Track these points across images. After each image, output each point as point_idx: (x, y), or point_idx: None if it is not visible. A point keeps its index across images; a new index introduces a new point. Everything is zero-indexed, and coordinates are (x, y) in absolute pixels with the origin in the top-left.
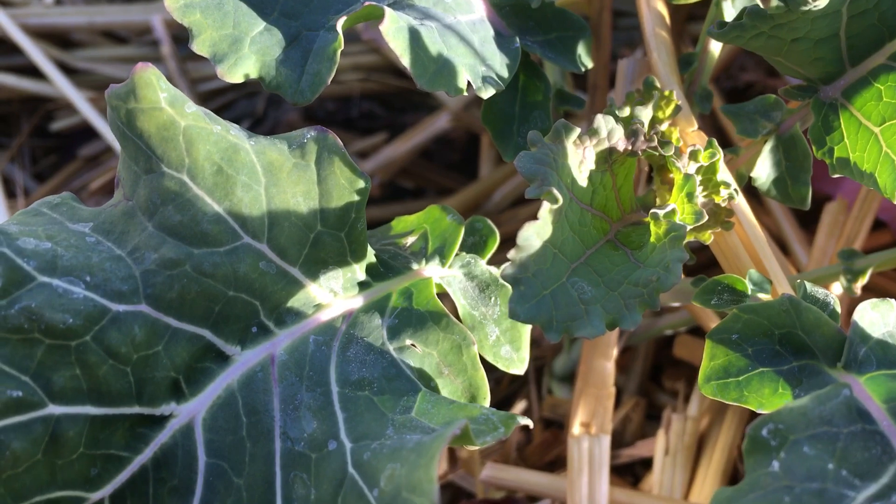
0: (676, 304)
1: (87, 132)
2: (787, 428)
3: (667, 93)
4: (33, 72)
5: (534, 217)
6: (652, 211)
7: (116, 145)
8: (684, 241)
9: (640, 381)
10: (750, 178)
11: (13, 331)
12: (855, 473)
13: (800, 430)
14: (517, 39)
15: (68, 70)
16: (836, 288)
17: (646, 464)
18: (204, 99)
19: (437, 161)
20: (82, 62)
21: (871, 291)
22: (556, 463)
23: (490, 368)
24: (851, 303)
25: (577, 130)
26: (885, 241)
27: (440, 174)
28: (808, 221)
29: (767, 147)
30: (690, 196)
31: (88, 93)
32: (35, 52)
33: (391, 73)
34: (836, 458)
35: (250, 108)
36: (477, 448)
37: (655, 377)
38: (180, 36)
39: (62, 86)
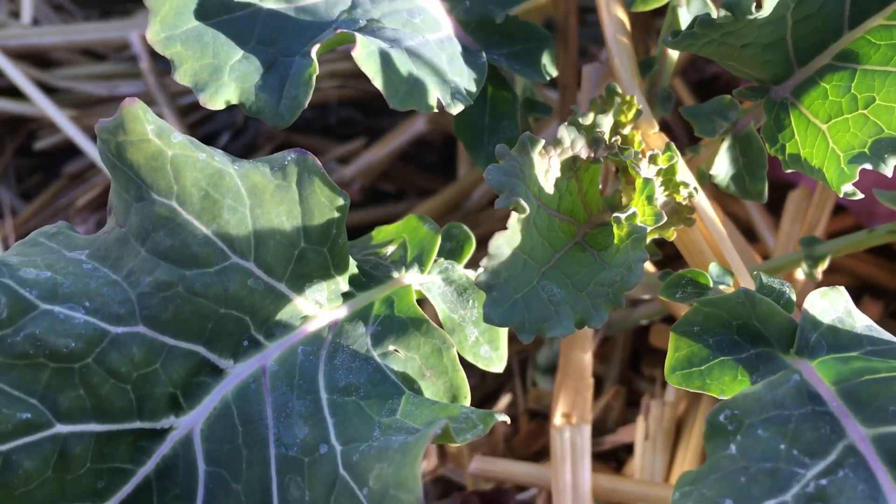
0: (648, 297)
1: (70, 150)
2: (742, 413)
3: (628, 98)
4: (14, 92)
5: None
6: (614, 215)
7: (100, 161)
8: (646, 242)
9: (619, 370)
10: (710, 175)
11: (20, 357)
12: (805, 452)
13: (754, 414)
14: (483, 54)
15: (49, 89)
16: (800, 274)
17: (629, 449)
18: (185, 112)
19: (416, 163)
20: (62, 81)
21: (837, 272)
22: (543, 452)
23: (474, 366)
24: (815, 288)
25: (542, 142)
26: (847, 223)
27: (420, 176)
28: (775, 207)
29: (725, 145)
30: (650, 199)
31: (70, 111)
32: (15, 73)
33: (367, 79)
34: (787, 439)
35: (230, 120)
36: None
37: (635, 365)
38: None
39: (43, 105)
